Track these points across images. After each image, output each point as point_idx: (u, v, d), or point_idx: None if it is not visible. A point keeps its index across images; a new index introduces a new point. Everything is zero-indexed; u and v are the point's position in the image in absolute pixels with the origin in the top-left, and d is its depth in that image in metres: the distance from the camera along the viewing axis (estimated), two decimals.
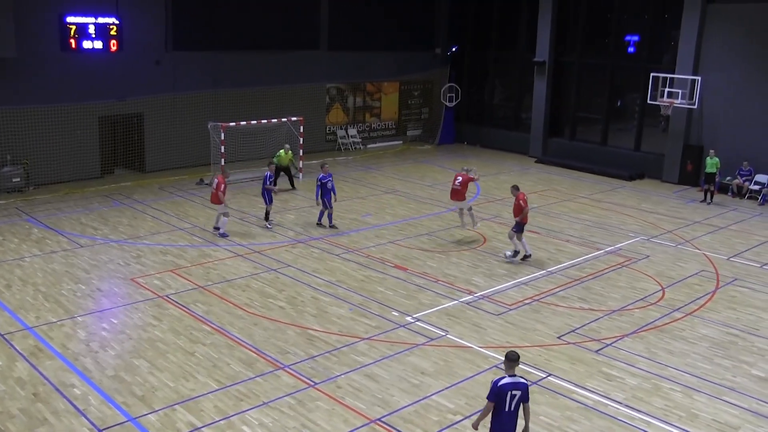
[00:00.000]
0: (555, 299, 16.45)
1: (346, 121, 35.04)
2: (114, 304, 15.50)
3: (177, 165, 28.73)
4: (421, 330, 14.54)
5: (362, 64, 34.85)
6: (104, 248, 19.19)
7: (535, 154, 34.09)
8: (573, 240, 21.09)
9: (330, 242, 20.18)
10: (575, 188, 28.08)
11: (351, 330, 14.45)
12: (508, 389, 9.06)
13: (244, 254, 18.96)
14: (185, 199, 24.58)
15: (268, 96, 31.08)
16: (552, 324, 15.06)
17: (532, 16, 34.21)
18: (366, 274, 17.74)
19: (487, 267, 18.53)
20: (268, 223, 21.58)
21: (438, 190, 26.76)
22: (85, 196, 24.64)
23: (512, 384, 9.09)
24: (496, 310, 15.74)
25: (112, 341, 13.66)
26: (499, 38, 36.74)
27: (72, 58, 25.56)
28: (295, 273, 17.64)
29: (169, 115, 28.42)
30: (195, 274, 17.36)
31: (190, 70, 28.87)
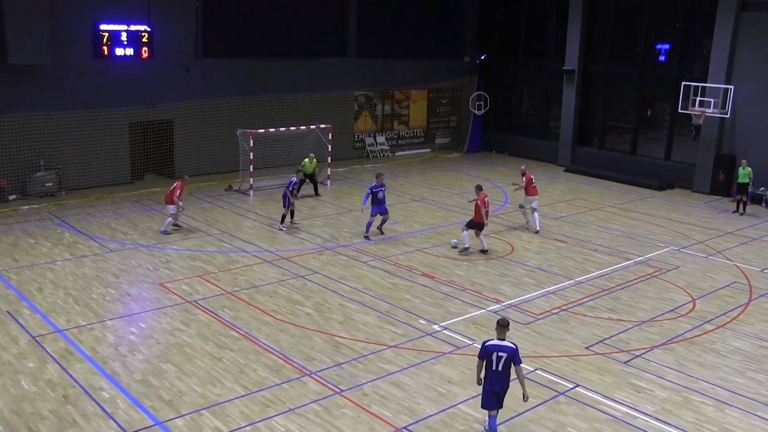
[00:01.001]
0: (583, 309, 16.31)
1: (374, 129, 35.07)
2: (142, 309, 15.61)
3: (206, 171, 28.90)
4: (448, 338, 14.48)
5: (390, 72, 34.89)
6: (133, 253, 19.34)
7: (564, 163, 33.88)
8: (601, 249, 20.91)
9: (357, 249, 20.17)
10: (604, 197, 27.85)
11: (378, 338, 14.41)
12: (493, 350, 10.33)
13: (272, 261, 19.01)
14: (214, 205, 24.72)
15: (297, 103, 31.21)
16: (580, 334, 14.93)
17: (561, 24, 34.05)
18: (393, 281, 17.71)
19: (515, 276, 18.43)
20: (282, 225, 21.88)
21: (466, 198, 26.67)
22: (116, 201, 24.88)
23: (498, 346, 10.34)
24: (523, 319, 15.63)
25: (141, 345, 13.75)
26: (527, 47, 36.61)
27: (104, 65, 25.86)
28: (322, 280, 17.65)
29: (198, 121, 28.63)
30: (223, 280, 17.43)
31: (220, 77, 29.07)
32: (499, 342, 10.42)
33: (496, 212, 24.82)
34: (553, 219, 24.12)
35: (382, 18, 34.12)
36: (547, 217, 24.36)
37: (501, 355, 10.34)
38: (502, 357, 10.34)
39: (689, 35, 30.49)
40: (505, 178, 30.90)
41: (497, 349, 10.37)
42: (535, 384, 12.75)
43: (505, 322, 10.53)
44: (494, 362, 10.39)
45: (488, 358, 10.42)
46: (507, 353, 10.34)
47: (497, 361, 10.37)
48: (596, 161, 32.88)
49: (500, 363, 10.37)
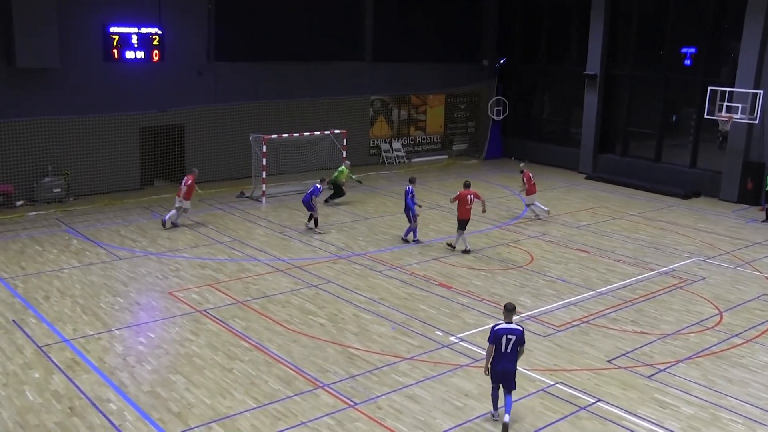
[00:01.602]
0: (605, 321, 16.19)
1: (390, 135, 35.07)
2: (151, 318, 15.62)
3: (217, 177, 28.98)
4: (465, 350, 14.40)
5: (407, 77, 34.90)
6: (143, 261, 19.39)
7: (585, 171, 33.74)
8: (624, 260, 20.77)
9: (372, 258, 20.14)
10: (627, 206, 27.70)
11: (393, 349, 14.36)
12: (503, 333, 11.49)
13: (285, 269, 19.00)
14: (225, 211, 24.76)
15: (311, 108, 31.26)
16: (602, 347, 14.81)
17: (583, 27, 33.94)
18: (409, 291, 17.65)
19: (534, 286, 18.33)
20: (318, 228, 22.64)
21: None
22: (125, 207, 24.98)
23: (507, 329, 11.51)
24: (543, 331, 15.53)
25: (149, 356, 13.75)
26: (548, 50, 36.56)
27: (114, 69, 26.00)
28: (336, 289, 17.62)
29: (210, 126, 28.73)
30: (234, 289, 17.43)
31: (232, 81, 29.16)
32: (507, 325, 11.57)
33: (516, 221, 24.74)
34: (574, 228, 24.00)
35: (399, 21, 34.16)
36: (569, 226, 24.25)
37: (510, 338, 11.48)
38: (511, 339, 11.49)
39: (716, 38, 30.31)
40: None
41: (506, 332, 11.51)
42: (555, 399, 12.65)
43: (511, 306, 11.73)
44: (503, 344, 11.51)
45: (497, 341, 11.49)
46: (516, 336, 11.51)
47: (506, 343, 11.50)
48: (619, 169, 32.71)
49: (509, 345, 11.51)
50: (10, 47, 23.62)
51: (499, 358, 11.58)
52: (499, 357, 11.58)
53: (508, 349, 11.52)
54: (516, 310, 11.96)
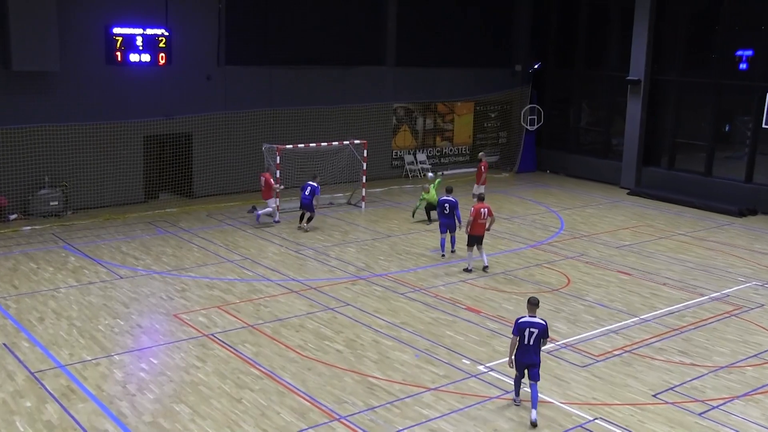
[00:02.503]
0: (650, 351, 16.03)
1: (414, 145, 35.10)
2: (154, 342, 15.65)
3: (227, 190, 29.10)
4: (495, 381, 14.30)
5: (433, 82, 34.95)
6: (146, 280, 19.45)
7: (628, 185, 33.57)
8: (671, 284, 20.59)
9: (394, 280, 20.09)
10: (674, 224, 27.50)
11: (416, 379, 14.28)
12: (526, 326, 12.78)
13: (299, 290, 19.00)
14: (235, 228, 24.84)
15: (329, 116, 31.37)
16: (646, 380, 14.65)
17: (625, 29, 33.83)
18: (434, 316, 17.58)
19: (571, 311, 18.20)
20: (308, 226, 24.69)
21: (516, 224, 26.51)
22: (127, 222, 25.12)
23: (530, 323, 12.81)
24: (581, 361, 15.40)
25: (151, 383, 13.76)
26: (586, 54, 36.48)
27: (117, 72, 26.24)
28: (355, 313, 17.59)
29: (220, 135, 28.88)
30: (244, 312, 17.44)
31: (244, 87, 29.33)
32: (530, 319, 12.87)
33: (551, 239, 24.63)
34: (615, 248, 23.85)
35: (424, 22, 34.25)
36: (609, 246, 24.11)
37: (533, 331, 12.76)
38: (534, 332, 12.76)
39: None
40: (560, 201, 30.68)
41: (529, 325, 12.80)
42: None
43: (535, 300, 13.14)
44: (526, 337, 12.78)
45: (521, 333, 12.79)
46: (538, 329, 12.79)
47: (529, 336, 12.77)
48: (665, 183, 32.51)
49: (531, 338, 12.77)
50: (6, 49, 23.89)
51: (522, 351, 12.84)
52: (523, 349, 12.83)
53: (531, 341, 12.76)
54: (539, 304, 13.19)
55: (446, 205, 22.05)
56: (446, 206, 22.04)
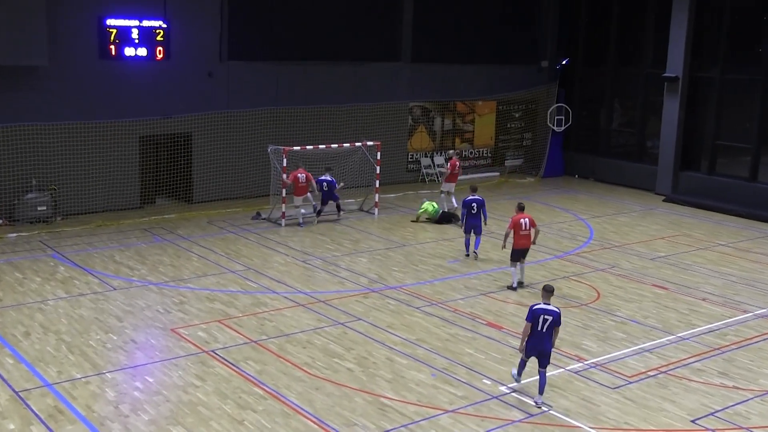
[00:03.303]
0: (688, 372, 15.95)
1: (431, 148, 35.10)
2: (150, 359, 15.66)
3: (230, 195, 29.17)
4: (517, 403, 14.25)
5: (452, 80, 34.96)
6: (141, 292, 19.49)
7: (663, 191, 33.45)
8: (711, 299, 20.50)
9: (409, 293, 20.07)
10: (714, 234, 27.39)
11: (432, 400, 14.25)
12: (540, 313, 13.90)
13: (306, 304, 19.00)
14: (238, 235, 24.87)
15: (340, 116, 31.42)
16: (684, 403, 14.57)
17: (662, 22, 33.75)
18: (452, 332, 17.54)
19: (601, 328, 18.14)
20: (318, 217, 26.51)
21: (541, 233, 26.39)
22: (121, 229, 25.18)
23: (544, 310, 13.95)
24: (611, 382, 15.34)
25: (146, 404, 13.76)
26: (619, 49, 36.39)
27: (111, 68, 26.35)
28: (367, 328, 17.57)
29: (222, 136, 28.95)
30: (247, 326, 17.44)
31: (248, 84, 29.41)
32: (545, 306, 14.01)
33: (579, 250, 24.55)
34: (649, 260, 23.76)
35: (443, 14, 34.28)
36: (643, 257, 24.02)
37: (547, 318, 13.88)
38: (548, 320, 13.88)
39: None
40: (589, 208, 30.60)
41: (544, 312, 13.94)
42: None
43: (550, 288, 14.34)
44: (540, 323, 13.89)
45: (535, 320, 13.87)
46: (552, 317, 13.92)
47: (543, 323, 13.88)
48: (705, 189, 32.38)
49: (545, 325, 13.89)
50: None
51: (536, 338, 13.96)
52: (536, 336, 13.95)
53: (544, 329, 13.89)
54: (554, 292, 14.43)
55: (473, 205, 22.62)
56: (473, 206, 22.60)
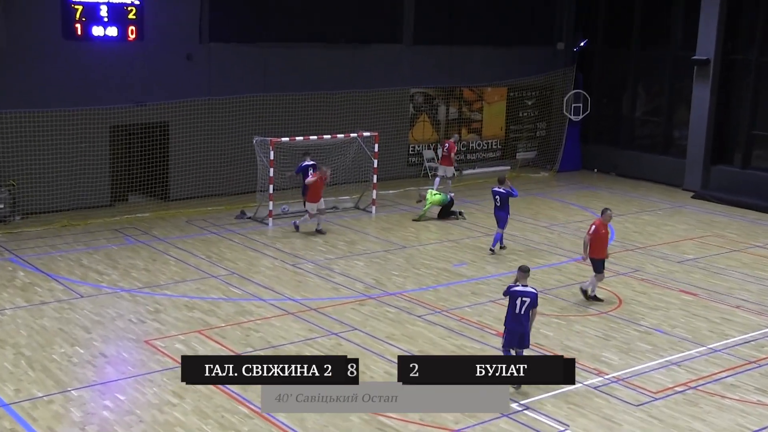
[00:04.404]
0: (720, 388, 15.94)
1: (435, 139, 35.09)
2: (121, 375, 15.62)
3: (211, 192, 29.13)
4: (531, 422, 14.24)
5: (458, 64, 34.94)
6: (111, 299, 19.45)
7: (692, 187, 33.45)
8: (746, 306, 20.50)
9: (411, 299, 20.06)
10: (749, 234, 27.40)
11: (436, 418, 14.22)
12: (518, 295, 15.06)
13: (297, 312, 18.98)
14: (220, 236, 24.85)
15: (333, 103, 31.39)
16: (717, 423, 14.55)
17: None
18: (458, 343, 17.53)
19: (624, 339, 18.13)
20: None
21: (557, 233, 26.44)
22: (89, 230, 25.16)
23: (522, 291, 15.09)
24: (635, 398, 15.33)
25: (117, 425, 13.71)
26: (643, 29, 36.36)
27: (77, 49, 26.28)
28: (364, 339, 17.55)
29: (202, 126, 28.92)
30: (230, 337, 17.41)
31: (232, 68, 29.37)
32: (523, 288, 15.14)
33: None
34: (677, 263, 23.74)
35: None
36: (669, 260, 24.01)
37: (525, 300, 15.00)
38: (526, 302, 15.00)
39: None
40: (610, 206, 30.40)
41: (522, 294, 15.07)
42: None
43: (526, 268, 15.50)
44: (518, 306, 15.02)
45: (512, 301, 15.09)
46: (530, 298, 15.04)
47: (521, 305, 15.00)
48: (738, 184, 32.37)
49: (523, 307, 15.01)
50: None
51: (514, 320, 15.11)
52: (514, 318, 15.10)
53: (522, 311, 15.01)
54: (530, 271, 15.52)
55: (497, 197, 23.84)
56: (497, 198, 23.83)
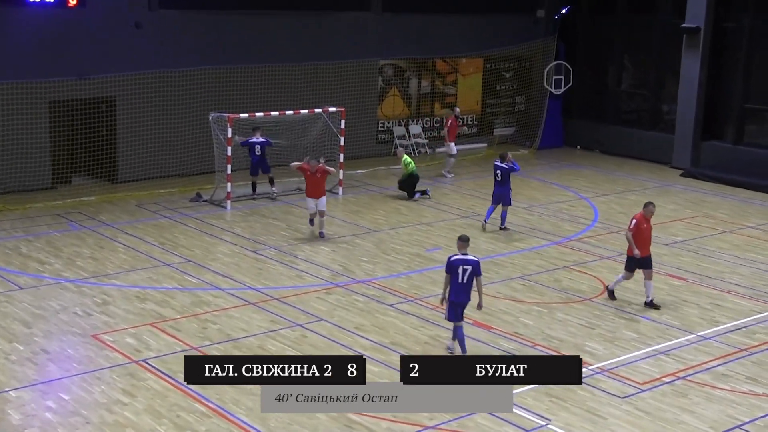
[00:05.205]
0: (710, 377, 16.08)
1: (406, 115, 35.06)
2: (66, 372, 15.53)
3: (163, 173, 29.01)
4: (510, 416, 14.27)
5: (430, 33, 34.88)
6: (54, 291, 19.35)
7: (681, 164, 33.63)
8: (738, 291, 20.67)
9: (381, 287, 20.10)
10: (741, 215, 27.60)
11: (410, 415, 14.23)
12: (458, 264, 15.74)
13: (258, 302, 18.98)
14: (174, 221, 24.79)
15: (296, 76, 31.32)
16: (706, 415, 14.68)
17: None
18: (432, 333, 17.58)
19: (609, 327, 18.24)
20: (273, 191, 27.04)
21: (537, 214, 26.55)
22: (28, 215, 25.01)
23: (462, 260, 15.78)
24: (620, 390, 15.44)
25: (61, 427, 13.64)
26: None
27: (10, 15, 26.10)
28: (331, 330, 17.57)
29: (153, 101, 28.76)
30: (186, 330, 17.39)
31: (185, 38, 29.23)
32: (463, 256, 15.83)
33: (581, 234, 24.67)
34: (664, 245, 23.89)
35: None
36: (657, 242, 24.05)
37: (466, 268, 15.72)
38: (467, 270, 15.73)
39: None
40: (594, 185, 30.76)
41: (462, 263, 15.76)
42: None
43: (466, 237, 16.18)
44: (460, 275, 15.72)
45: (454, 272, 15.71)
46: (472, 266, 15.77)
47: (462, 273, 15.71)
48: (730, 162, 32.57)
49: (465, 275, 15.73)
50: None
51: (457, 290, 15.80)
52: (458, 288, 15.79)
53: (464, 279, 15.73)
54: (469, 241, 16.21)
55: (498, 172, 24.26)
56: (498, 173, 24.26)
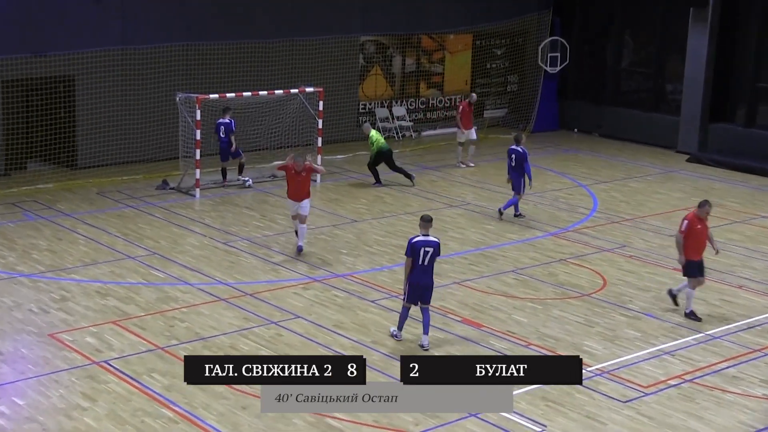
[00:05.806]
0: (720, 380, 16.10)
1: (390, 95, 35.04)
2: (20, 375, 15.50)
3: (127, 159, 28.95)
4: (501, 421, 14.29)
5: (415, 6, 34.92)
6: (8, 286, 19.32)
7: (688, 149, 33.69)
8: (749, 286, 20.72)
9: (363, 281, 20.09)
10: (753, 203, 27.70)
11: (394, 420, 14.24)
12: (420, 246, 16.21)
13: (229, 298, 18.96)
14: (139, 210, 24.73)
15: (271, 54, 31.31)
16: (716, 421, 14.69)
17: None
18: (417, 332, 17.49)
19: (609, 325, 18.26)
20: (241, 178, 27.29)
21: (532, 203, 26.54)
22: None
23: (424, 242, 16.28)
24: (622, 394, 15.45)
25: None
26: None
27: None
28: (308, 328, 17.57)
29: (115, 80, 28.72)
30: (151, 328, 17.35)
31: (150, 12, 29.19)
32: (424, 238, 16.33)
33: (579, 224, 24.67)
34: (669, 236, 23.86)
35: None
36: (661, 233, 24.18)
37: (428, 250, 16.24)
38: (429, 252, 16.25)
39: None
40: (592, 171, 30.78)
41: (424, 244, 16.26)
42: None
43: (428, 217, 16.62)
44: (421, 257, 16.20)
45: (416, 254, 16.19)
46: (433, 248, 16.32)
47: (424, 255, 16.22)
48: (740, 146, 32.65)
49: (426, 257, 16.25)
50: None
51: (419, 273, 16.29)
52: (419, 271, 16.28)
53: (426, 261, 16.24)
54: (432, 221, 16.63)
55: (513, 156, 24.37)
56: (513, 157, 24.35)
